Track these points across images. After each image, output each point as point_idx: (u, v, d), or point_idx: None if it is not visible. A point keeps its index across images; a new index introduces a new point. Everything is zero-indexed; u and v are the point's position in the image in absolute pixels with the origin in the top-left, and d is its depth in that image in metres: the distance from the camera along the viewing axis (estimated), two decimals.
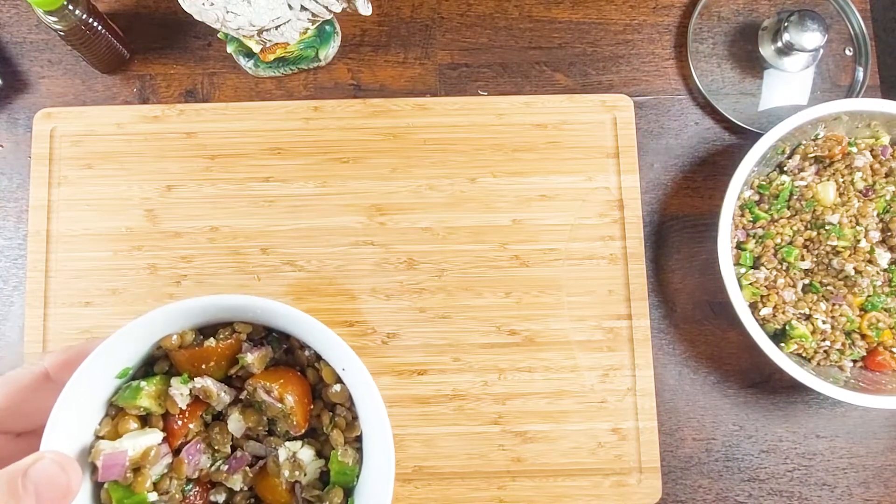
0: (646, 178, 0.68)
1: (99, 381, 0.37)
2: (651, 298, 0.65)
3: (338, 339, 0.38)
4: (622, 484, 0.62)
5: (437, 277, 0.64)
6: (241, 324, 0.40)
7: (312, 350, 0.41)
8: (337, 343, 0.38)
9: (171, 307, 0.37)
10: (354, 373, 0.39)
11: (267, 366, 0.40)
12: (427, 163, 0.66)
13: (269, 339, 0.42)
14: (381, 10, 0.71)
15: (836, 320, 0.61)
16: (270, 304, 0.38)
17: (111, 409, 0.38)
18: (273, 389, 0.39)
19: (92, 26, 0.61)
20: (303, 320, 0.38)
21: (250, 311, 0.39)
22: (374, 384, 0.38)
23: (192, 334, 0.39)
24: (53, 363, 0.35)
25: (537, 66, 0.70)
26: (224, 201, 0.65)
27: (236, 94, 0.69)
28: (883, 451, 0.64)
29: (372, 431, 0.39)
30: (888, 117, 0.62)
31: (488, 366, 0.63)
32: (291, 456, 0.39)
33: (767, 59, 0.69)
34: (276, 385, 0.39)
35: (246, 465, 0.40)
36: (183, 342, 0.39)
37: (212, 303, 0.38)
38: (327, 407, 0.41)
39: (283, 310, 0.38)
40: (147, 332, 0.38)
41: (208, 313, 0.39)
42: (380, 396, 0.38)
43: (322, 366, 0.41)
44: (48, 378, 0.35)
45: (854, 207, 0.61)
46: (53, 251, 0.64)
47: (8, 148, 0.67)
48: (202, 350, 0.39)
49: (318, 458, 0.40)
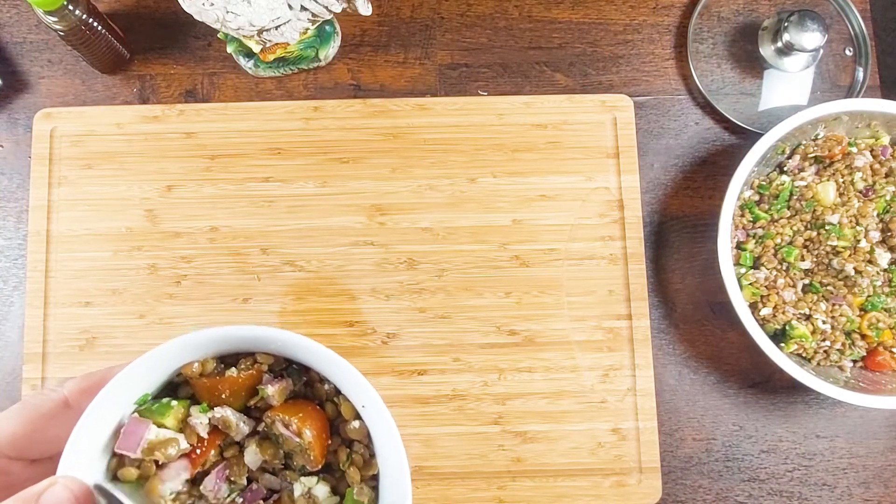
0: (646, 178, 0.68)
1: (117, 409, 0.36)
2: (651, 298, 0.65)
3: (359, 375, 0.38)
4: (622, 484, 0.62)
5: (437, 277, 0.64)
6: (263, 354, 0.40)
7: (332, 384, 0.41)
8: (357, 379, 0.38)
9: (192, 336, 0.37)
10: (374, 410, 0.38)
11: (286, 398, 0.40)
12: (427, 163, 0.66)
13: (290, 371, 0.41)
14: (381, 10, 0.71)
15: (836, 320, 0.61)
16: (293, 337, 0.37)
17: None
18: (292, 423, 0.38)
19: (92, 26, 0.61)
20: (324, 355, 0.38)
21: (272, 343, 0.39)
22: (394, 424, 0.37)
23: (214, 363, 0.39)
24: (73, 390, 0.35)
25: (537, 66, 0.70)
26: (224, 201, 0.65)
27: (236, 94, 0.69)
28: (883, 451, 0.64)
29: (389, 471, 0.39)
30: (888, 117, 0.62)
31: (488, 366, 0.63)
32: (307, 492, 0.39)
33: (767, 59, 0.69)
34: (295, 419, 0.38)
35: (261, 498, 0.39)
36: (204, 370, 0.38)
37: (233, 333, 0.38)
38: (345, 443, 0.41)
39: (306, 343, 0.37)
40: (167, 361, 0.38)
41: (229, 343, 0.39)
42: (399, 436, 0.37)
43: (341, 401, 0.40)
44: (67, 405, 0.35)
45: (854, 207, 0.61)
46: (53, 251, 0.64)
47: (8, 148, 0.67)
48: (223, 379, 0.39)
49: (334, 494, 0.40)
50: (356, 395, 0.39)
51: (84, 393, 0.34)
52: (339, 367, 0.38)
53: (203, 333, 0.37)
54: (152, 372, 0.37)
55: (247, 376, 0.39)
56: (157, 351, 0.36)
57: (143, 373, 0.36)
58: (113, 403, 0.35)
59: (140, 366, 0.36)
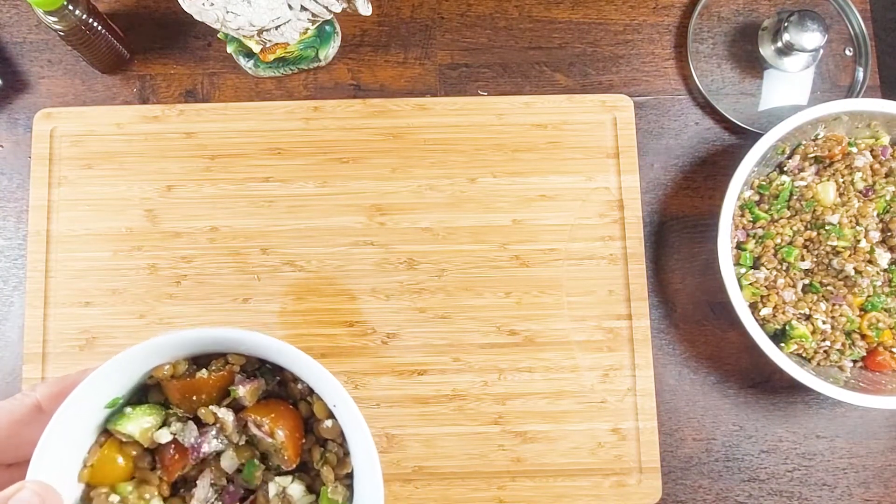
0: (646, 178, 0.68)
1: (88, 412, 0.36)
2: (651, 298, 0.65)
3: (329, 376, 0.38)
4: (622, 484, 0.62)
5: (437, 277, 0.64)
6: (235, 355, 0.40)
7: (305, 383, 0.41)
8: (328, 379, 0.38)
9: (160, 340, 0.37)
10: (345, 410, 0.38)
11: (259, 398, 0.40)
12: (427, 163, 0.66)
13: (262, 371, 0.41)
14: (381, 10, 0.71)
15: (836, 320, 0.61)
16: (262, 339, 0.37)
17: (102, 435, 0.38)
18: (264, 424, 0.38)
19: (92, 26, 0.61)
20: (294, 356, 0.38)
21: (241, 344, 0.39)
22: (364, 422, 0.37)
23: (185, 364, 0.39)
24: (45, 394, 0.35)
25: (537, 66, 0.70)
26: (224, 201, 0.65)
27: (236, 95, 0.69)
28: (883, 451, 0.64)
29: (362, 468, 0.39)
30: (888, 117, 0.62)
31: (488, 366, 0.63)
32: (281, 491, 0.39)
33: (767, 59, 0.69)
34: (268, 419, 0.38)
35: (238, 499, 0.40)
36: (175, 372, 0.39)
37: (203, 335, 0.38)
38: (319, 442, 0.41)
39: (276, 345, 0.37)
40: (136, 364, 0.38)
41: (200, 345, 0.39)
42: (370, 434, 0.37)
43: (314, 400, 0.40)
44: (41, 409, 0.35)
45: (854, 207, 0.61)
46: (53, 251, 0.64)
47: (8, 148, 0.67)
48: (194, 381, 0.39)
49: (309, 493, 0.40)
50: (328, 394, 0.39)
51: (56, 397, 0.34)
52: (309, 368, 0.38)
53: (171, 336, 0.37)
54: (123, 375, 0.37)
55: (218, 377, 0.39)
56: (125, 354, 0.36)
57: (113, 376, 0.36)
58: (83, 407, 0.35)
59: (109, 369, 0.36)
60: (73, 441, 0.36)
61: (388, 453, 0.61)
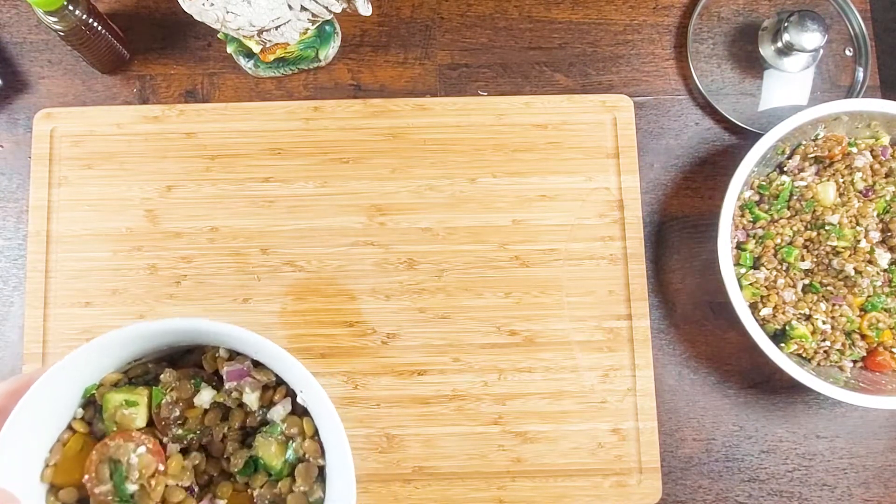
0: (646, 179, 0.68)
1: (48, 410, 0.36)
2: (651, 298, 0.65)
3: (294, 361, 0.38)
4: (622, 484, 0.62)
5: (437, 278, 0.64)
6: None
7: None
8: (293, 365, 0.38)
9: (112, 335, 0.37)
10: (312, 394, 0.38)
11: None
12: (427, 163, 0.66)
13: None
14: (381, 11, 0.71)
15: (836, 320, 0.60)
16: (224, 328, 0.37)
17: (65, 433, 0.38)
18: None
19: (92, 26, 0.61)
20: (259, 343, 0.38)
21: (204, 335, 0.39)
22: (331, 404, 0.37)
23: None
24: (3, 393, 0.34)
25: (537, 67, 0.70)
26: (224, 201, 0.65)
27: (236, 95, 0.69)
28: (883, 451, 0.64)
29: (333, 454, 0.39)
30: (888, 117, 0.62)
31: (488, 366, 0.63)
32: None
33: (767, 59, 0.69)
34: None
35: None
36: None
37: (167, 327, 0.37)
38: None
39: (239, 333, 0.37)
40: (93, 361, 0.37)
41: (165, 337, 0.39)
42: (338, 416, 0.37)
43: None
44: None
45: (854, 208, 0.61)
46: (53, 251, 0.64)
47: (8, 148, 0.67)
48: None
49: None
50: (295, 380, 0.39)
51: (12, 395, 0.34)
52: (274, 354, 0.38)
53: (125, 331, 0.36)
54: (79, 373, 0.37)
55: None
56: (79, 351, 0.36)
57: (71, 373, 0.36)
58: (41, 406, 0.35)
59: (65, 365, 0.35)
60: (34, 440, 0.36)
61: (388, 453, 0.61)
